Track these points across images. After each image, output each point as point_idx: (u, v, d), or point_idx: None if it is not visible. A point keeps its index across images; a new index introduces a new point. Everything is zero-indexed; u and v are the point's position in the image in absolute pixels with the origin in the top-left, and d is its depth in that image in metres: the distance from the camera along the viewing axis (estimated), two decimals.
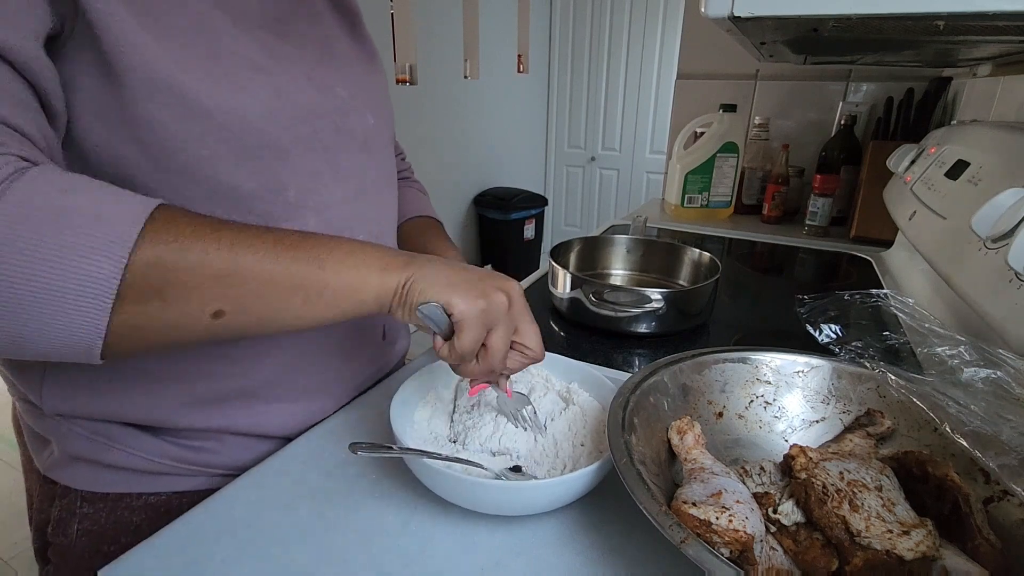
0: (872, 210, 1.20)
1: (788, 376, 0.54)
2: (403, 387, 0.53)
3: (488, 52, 3.18)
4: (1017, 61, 0.88)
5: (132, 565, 0.41)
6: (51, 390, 0.47)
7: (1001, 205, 0.56)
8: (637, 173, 3.70)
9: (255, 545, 0.42)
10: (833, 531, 0.37)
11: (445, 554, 0.42)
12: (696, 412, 0.52)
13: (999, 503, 0.40)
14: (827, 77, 1.43)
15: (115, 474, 0.51)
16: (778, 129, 1.49)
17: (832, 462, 0.41)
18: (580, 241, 0.97)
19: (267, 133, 0.46)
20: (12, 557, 1.62)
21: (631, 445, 0.41)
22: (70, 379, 0.47)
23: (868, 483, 0.39)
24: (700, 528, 0.35)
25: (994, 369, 0.46)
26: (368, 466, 0.51)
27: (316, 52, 0.52)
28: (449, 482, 0.44)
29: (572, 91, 3.75)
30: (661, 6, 3.30)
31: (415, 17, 2.59)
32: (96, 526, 0.51)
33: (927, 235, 0.76)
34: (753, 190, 1.48)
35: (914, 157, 0.96)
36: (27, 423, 0.53)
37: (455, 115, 3.02)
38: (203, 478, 0.53)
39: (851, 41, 0.72)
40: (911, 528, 0.36)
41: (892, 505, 0.37)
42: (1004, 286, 0.52)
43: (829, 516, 0.37)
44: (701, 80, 1.59)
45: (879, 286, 1.00)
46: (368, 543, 0.42)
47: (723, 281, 0.83)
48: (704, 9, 0.50)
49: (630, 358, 0.74)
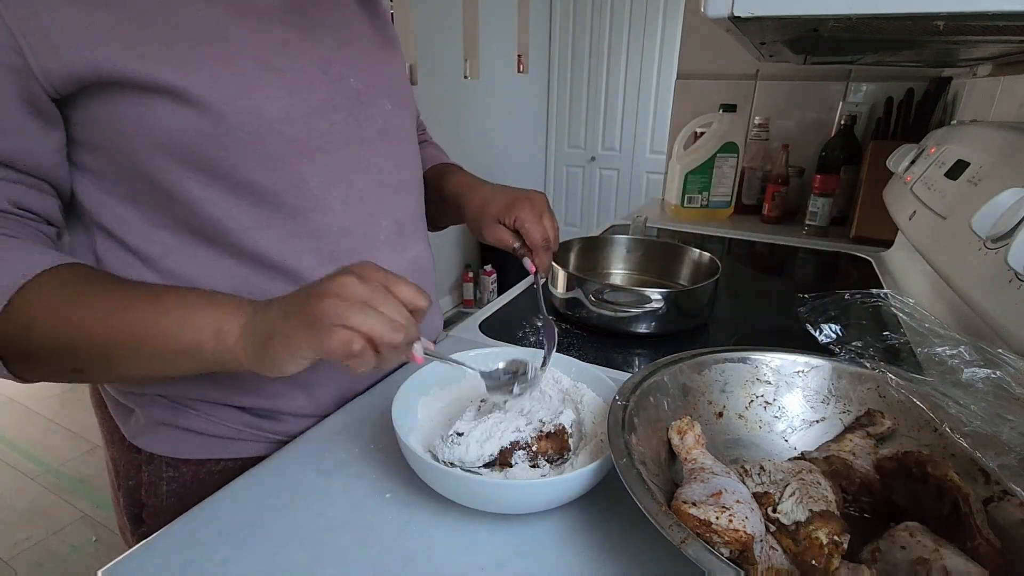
0: (872, 210, 1.20)
1: (788, 376, 0.54)
2: (404, 386, 0.53)
3: (488, 52, 3.18)
4: (1017, 61, 0.88)
5: (132, 565, 0.41)
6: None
7: (1001, 205, 0.56)
8: (637, 173, 3.70)
9: (255, 545, 0.42)
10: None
11: (445, 554, 0.42)
12: (696, 412, 0.52)
13: (999, 503, 0.40)
14: (827, 77, 1.43)
15: (196, 440, 0.55)
16: (778, 129, 1.49)
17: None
18: (580, 241, 0.97)
19: (284, 132, 0.48)
20: (12, 557, 1.62)
21: (631, 445, 0.41)
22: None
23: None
24: (700, 528, 0.35)
25: (994, 369, 0.46)
26: (368, 466, 0.51)
27: (333, 40, 0.53)
28: (449, 480, 0.44)
29: (572, 91, 3.75)
30: (661, 6, 3.30)
31: (415, 17, 2.59)
32: (183, 488, 0.56)
33: (927, 235, 0.76)
34: (753, 190, 1.48)
35: (914, 157, 0.96)
36: (111, 395, 0.57)
37: (455, 115, 3.02)
38: (263, 444, 0.57)
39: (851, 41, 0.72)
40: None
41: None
42: (1004, 286, 0.52)
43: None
44: (701, 80, 1.59)
45: (879, 286, 1.00)
46: (368, 543, 0.42)
47: (723, 281, 0.82)
48: (704, 9, 0.50)
49: (630, 358, 0.74)
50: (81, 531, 1.72)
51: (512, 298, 0.91)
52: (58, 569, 1.59)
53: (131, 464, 0.57)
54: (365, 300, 0.39)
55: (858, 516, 0.44)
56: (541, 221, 0.64)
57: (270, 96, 0.47)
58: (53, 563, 1.61)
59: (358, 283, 0.39)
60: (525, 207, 0.64)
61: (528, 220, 0.64)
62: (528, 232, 0.63)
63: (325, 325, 0.38)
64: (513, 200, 0.65)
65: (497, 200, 0.67)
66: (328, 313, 0.38)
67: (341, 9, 0.55)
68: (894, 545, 0.37)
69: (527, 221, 0.63)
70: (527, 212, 0.64)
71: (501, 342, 0.75)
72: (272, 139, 0.47)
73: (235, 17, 0.46)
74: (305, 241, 0.52)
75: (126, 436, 0.57)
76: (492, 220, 0.66)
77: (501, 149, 3.49)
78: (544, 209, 0.66)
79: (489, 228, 0.66)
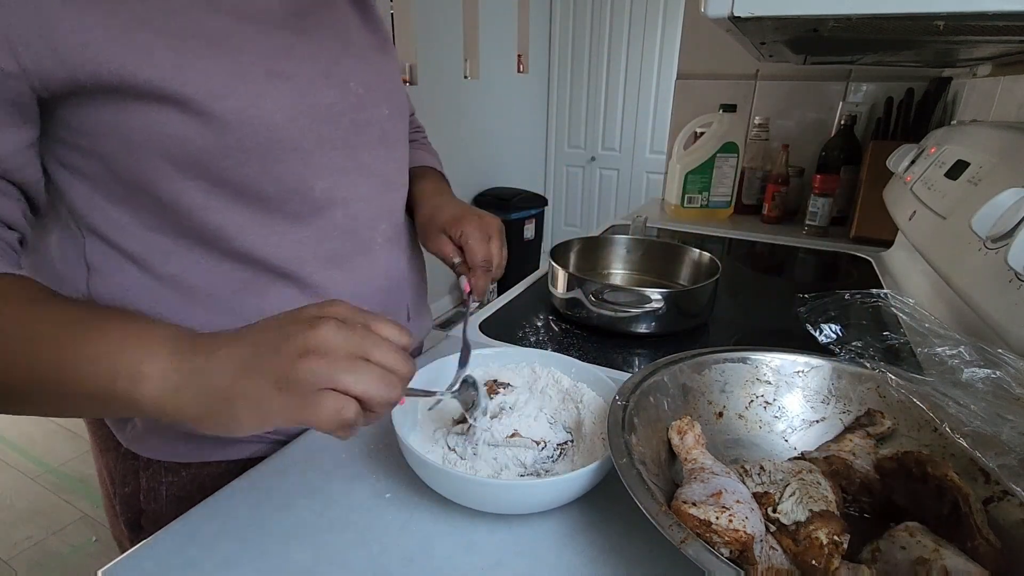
0: (872, 210, 1.20)
1: (788, 376, 0.54)
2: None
3: (488, 52, 3.18)
4: (1017, 61, 0.88)
5: (132, 565, 0.41)
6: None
7: (1001, 205, 0.56)
8: (637, 173, 3.70)
9: (255, 545, 0.42)
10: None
11: (445, 554, 0.42)
12: (696, 412, 0.52)
13: (999, 503, 0.40)
14: (827, 77, 1.43)
15: (195, 443, 0.54)
16: (778, 129, 1.49)
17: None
18: (580, 241, 0.97)
19: (290, 138, 0.48)
20: (12, 557, 1.62)
21: (631, 445, 0.41)
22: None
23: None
24: (700, 528, 0.35)
25: (994, 369, 0.46)
26: (368, 466, 0.51)
27: (333, 44, 0.53)
28: (449, 480, 0.44)
29: (572, 91, 3.75)
30: (661, 6, 3.30)
31: (415, 17, 2.59)
32: (183, 492, 0.55)
33: (927, 235, 0.76)
34: (753, 190, 1.48)
35: (914, 157, 0.96)
36: None
37: (455, 115, 3.02)
38: (262, 445, 0.56)
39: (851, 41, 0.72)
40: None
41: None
42: (1004, 286, 0.52)
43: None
44: (701, 80, 1.58)
45: (879, 286, 1.00)
46: (368, 543, 0.42)
47: (723, 281, 0.83)
48: (704, 9, 0.50)
49: (630, 358, 0.74)
50: (81, 531, 1.72)
51: (512, 298, 0.91)
52: (58, 569, 1.59)
53: (128, 471, 0.56)
54: (353, 351, 0.32)
55: (858, 516, 0.44)
56: (487, 242, 0.62)
57: (278, 103, 0.47)
58: (53, 563, 1.61)
59: (339, 331, 0.32)
60: (473, 223, 0.62)
61: (473, 237, 0.61)
62: (470, 249, 0.61)
63: (309, 391, 0.31)
64: (463, 214, 0.64)
65: (447, 211, 0.65)
66: (312, 377, 0.31)
67: (335, 11, 0.55)
68: (894, 545, 0.37)
69: (471, 238, 0.61)
70: (474, 229, 0.62)
71: (501, 342, 0.75)
72: (278, 146, 0.47)
73: (238, 22, 0.45)
74: (307, 245, 0.52)
75: (122, 443, 0.56)
76: (437, 230, 0.64)
77: (501, 149, 3.49)
78: (494, 232, 0.63)
79: (433, 237, 0.65)
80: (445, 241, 0.63)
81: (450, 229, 0.63)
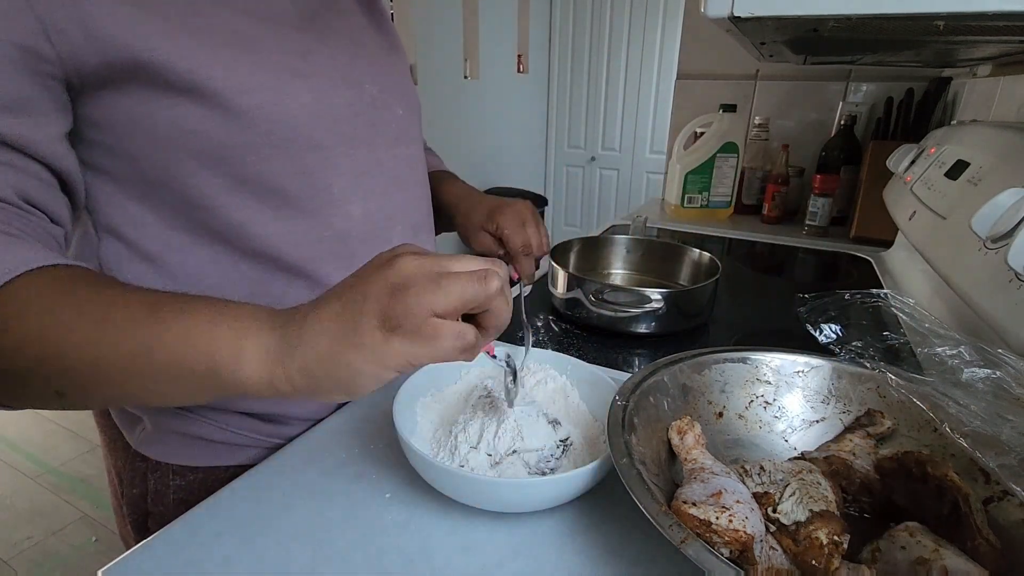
0: (872, 210, 1.20)
1: (788, 376, 0.54)
2: (405, 385, 0.53)
3: (488, 52, 3.18)
4: (1017, 61, 0.88)
5: (132, 565, 0.41)
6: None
7: (1001, 205, 0.56)
8: (637, 173, 3.70)
9: (255, 545, 0.42)
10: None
11: (445, 554, 0.42)
12: (696, 412, 0.51)
13: (999, 503, 0.40)
14: (827, 77, 1.43)
15: (203, 447, 0.55)
16: (778, 129, 1.49)
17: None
18: (580, 241, 0.97)
19: (311, 137, 0.49)
20: (12, 557, 1.62)
21: (631, 445, 0.41)
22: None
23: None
24: (700, 528, 0.35)
25: (994, 369, 0.46)
26: (368, 466, 0.51)
27: (347, 48, 0.54)
28: (450, 479, 0.44)
29: (572, 91, 3.75)
30: (661, 6, 3.30)
31: (415, 17, 2.59)
32: (191, 495, 0.55)
33: (927, 235, 0.76)
34: (753, 190, 1.48)
35: (914, 157, 0.96)
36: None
37: (455, 115, 3.02)
38: (270, 450, 0.56)
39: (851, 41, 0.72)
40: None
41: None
42: (1004, 286, 0.52)
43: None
44: (701, 80, 1.58)
45: (879, 286, 1.00)
46: (368, 543, 0.42)
47: (723, 281, 0.83)
48: (704, 9, 0.50)
49: (630, 358, 0.74)
50: (81, 531, 1.72)
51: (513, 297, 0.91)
52: (58, 569, 1.59)
53: (135, 472, 0.57)
54: (434, 271, 0.32)
55: (858, 516, 0.44)
56: (523, 228, 0.66)
57: (299, 101, 0.47)
58: (53, 563, 1.61)
59: (414, 259, 0.33)
60: (506, 214, 0.66)
61: (508, 227, 0.66)
62: (508, 238, 0.66)
63: (418, 324, 0.31)
64: (495, 208, 0.67)
65: (481, 208, 0.69)
66: (413, 306, 0.31)
67: (345, 14, 0.56)
68: (894, 545, 0.37)
69: (507, 228, 0.66)
70: (508, 219, 0.66)
71: (501, 342, 0.75)
72: (300, 144, 0.48)
73: (258, 23, 0.46)
74: (326, 244, 0.53)
75: (131, 444, 0.56)
76: (477, 228, 0.68)
77: (501, 149, 3.49)
78: (527, 217, 0.67)
79: (474, 236, 0.69)
80: (486, 237, 0.68)
81: (487, 225, 0.67)
